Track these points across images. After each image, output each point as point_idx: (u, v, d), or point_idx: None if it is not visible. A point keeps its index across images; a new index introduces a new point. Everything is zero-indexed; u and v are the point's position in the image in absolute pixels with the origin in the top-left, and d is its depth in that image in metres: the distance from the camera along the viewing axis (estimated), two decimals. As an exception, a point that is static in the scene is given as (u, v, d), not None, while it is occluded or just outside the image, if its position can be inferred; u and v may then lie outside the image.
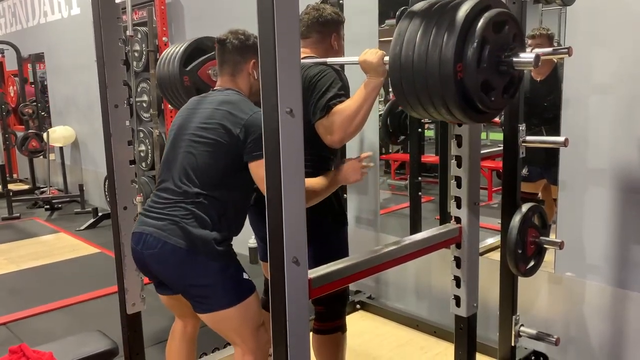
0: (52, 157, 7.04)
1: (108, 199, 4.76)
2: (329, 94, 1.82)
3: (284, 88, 1.19)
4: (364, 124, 1.82)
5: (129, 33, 4.54)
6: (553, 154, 2.56)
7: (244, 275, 1.83)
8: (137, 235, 1.82)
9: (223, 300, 1.77)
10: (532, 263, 2.04)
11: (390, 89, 1.87)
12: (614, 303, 2.38)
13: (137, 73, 4.93)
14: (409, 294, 3.24)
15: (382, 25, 3.30)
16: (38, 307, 3.56)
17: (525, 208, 1.99)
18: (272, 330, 1.32)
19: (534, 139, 2.04)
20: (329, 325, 2.11)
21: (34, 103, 7.37)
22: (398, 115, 3.41)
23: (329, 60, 1.93)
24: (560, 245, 2.00)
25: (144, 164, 4.98)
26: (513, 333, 2.14)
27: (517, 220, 1.96)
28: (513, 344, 2.16)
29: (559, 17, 3.24)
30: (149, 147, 4.87)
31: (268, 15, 1.17)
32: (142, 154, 4.97)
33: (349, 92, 1.91)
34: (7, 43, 7.40)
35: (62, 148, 6.78)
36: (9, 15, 8.02)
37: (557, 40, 3.09)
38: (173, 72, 2.51)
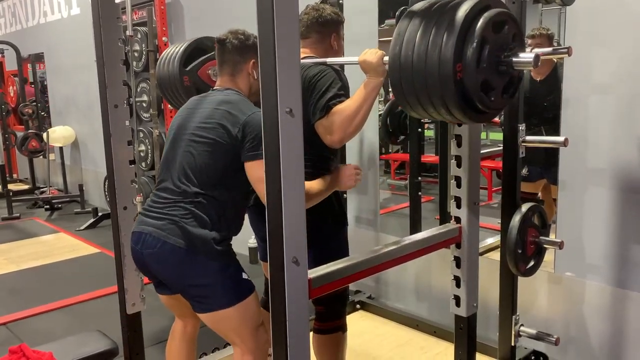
0: (52, 157, 7.04)
1: (108, 199, 4.75)
2: (329, 94, 1.82)
3: (284, 88, 1.19)
4: (364, 124, 1.82)
5: (129, 33, 4.54)
6: (553, 154, 2.56)
7: (243, 275, 1.83)
8: (136, 235, 1.83)
9: (222, 300, 1.77)
10: (532, 263, 2.04)
11: (390, 89, 1.87)
12: (614, 303, 2.38)
13: (137, 73, 4.93)
14: (409, 294, 3.24)
15: (381, 25, 3.30)
16: (38, 307, 3.56)
17: (525, 208, 1.99)
18: (272, 330, 1.32)
19: (534, 139, 2.04)
20: (329, 325, 2.11)
21: (34, 103, 7.37)
22: (398, 115, 3.41)
23: (329, 60, 1.93)
24: (560, 245, 2.00)
25: (144, 164, 4.98)
26: (513, 333, 2.14)
27: (517, 220, 1.96)
28: (513, 344, 2.16)
29: (559, 17, 3.24)
30: (149, 147, 4.87)
31: (268, 16, 1.17)
32: (142, 154, 4.97)
33: (349, 92, 1.91)
34: (6, 43, 7.39)
35: (62, 148, 6.78)
36: (9, 15, 8.01)
37: (556, 40, 3.09)
38: (173, 72, 2.51)
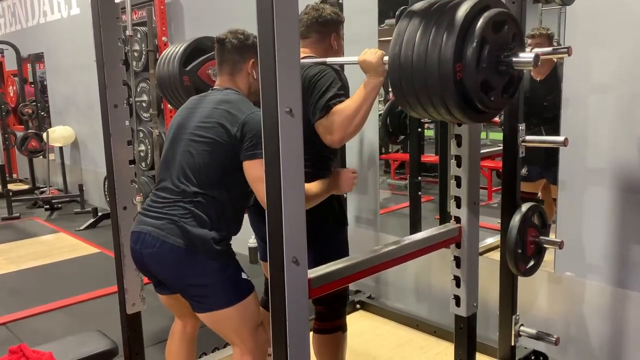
0: (51, 157, 7.04)
1: (108, 199, 4.75)
2: (329, 94, 1.82)
3: (284, 88, 1.19)
4: (364, 124, 1.82)
5: (129, 33, 4.54)
6: (553, 154, 2.56)
7: (243, 275, 1.83)
8: (135, 235, 1.82)
9: (222, 300, 1.77)
10: (531, 263, 2.04)
11: (390, 89, 1.87)
12: (614, 303, 2.38)
13: (136, 73, 4.93)
14: (409, 294, 3.24)
15: (381, 25, 3.30)
16: (38, 307, 3.56)
17: (525, 208, 1.99)
18: (271, 330, 1.32)
19: (534, 139, 2.04)
20: (329, 325, 2.11)
21: (34, 103, 7.37)
22: (398, 115, 3.41)
23: (329, 60, 1.93)
24: (560, 245, 2.00)
25: (144, 164, 4.98)
26: (513, 332, 2.14)
27: (516, 220, 1.96)
28: (513, 344, 2.16)
29: (559, 16, 3.24)
30: (149, 147, 4.87)
31: (268, 15, 1.17)
32: (141, 154, 4.97)
33: (349, 92, 1.91)
34: (6, 43, 7.39)
35: (61, 148, 6.79)
36: (9, 15, 8.01)
37: (556, 40, 3.09)
38: (173, 72, 2.51)
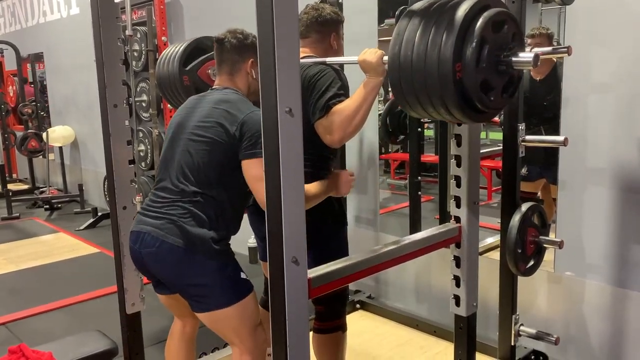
0: (51, 157, 7.04)
1: (107, 199, 4.75)
2: (328, 94, 1.82)
3: (283, 88, 1.19)
4: (364, 124, 1.82)
5: (128, 33, 4.53)
6: (552, 154, 2.56)
7: (242, 275, 1.83)
8: (135, 234, 1.82)
9: (221, 300, 1.77)
10: (531, 262, 2.04)
11: (390, 89, 1.87)
12: (614, 302, 2.38)
13: (136, 73, 4.93)
14: (409, 294, 3.24)
15: (381, 25, 3.29)
16: (37, 307, 3.56)
17: (525, 207, 1.99)
18: (271, 330, 1.32)
19: (534, 139, 2.04)
20: (329, 325, 2.11)
21: (34, 103, 7.37)
22: (397, 115, 3.41)
23: (329, 60, 1.93)
24: (560, 245, 2.00)
25: (144, 164, 4.98)
26: (513, 332, 2.15)
27: (516, 220, 1.96)
28: (513, 344, 2.16)
29: (559, 16, 3.24)
30: (149, 146, 4.87)
31: (267, 15, 1.17)
32: (141, 154, 4.97)
33: (349, 91, 1.91)
34: (6, 43, 7.39)
35: (61, 148, 6.78)
36: (8, 15, 8.01)
37: (556, 40, 3.09)
38: (172, 71, 2.51)
